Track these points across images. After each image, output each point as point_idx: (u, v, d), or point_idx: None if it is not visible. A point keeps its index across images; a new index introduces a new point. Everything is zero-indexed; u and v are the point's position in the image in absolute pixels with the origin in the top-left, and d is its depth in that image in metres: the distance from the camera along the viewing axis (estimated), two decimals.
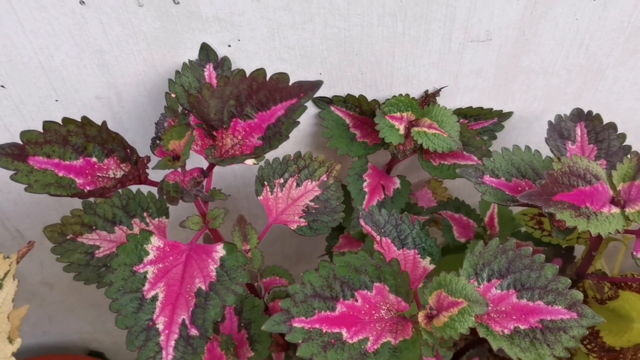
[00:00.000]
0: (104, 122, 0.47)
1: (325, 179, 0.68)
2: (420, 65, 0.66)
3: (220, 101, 0.49)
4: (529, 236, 0.79)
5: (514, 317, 0.50)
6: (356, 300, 0.50)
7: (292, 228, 0.65)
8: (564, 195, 0.55)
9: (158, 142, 0.49)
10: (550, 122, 0.66)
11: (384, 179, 0.74)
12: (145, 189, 0.58)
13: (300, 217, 0.65)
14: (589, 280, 0.67)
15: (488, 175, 0.60)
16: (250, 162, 0.54)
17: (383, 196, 0.72)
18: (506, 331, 0.50)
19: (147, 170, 0.49)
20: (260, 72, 0.50)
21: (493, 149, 0.74)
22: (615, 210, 0.56)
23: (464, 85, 0.70)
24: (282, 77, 0.50)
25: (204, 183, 0.49)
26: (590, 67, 0.71)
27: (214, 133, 0.50)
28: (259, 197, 0.65)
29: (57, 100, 0.62)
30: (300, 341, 0.46)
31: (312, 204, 0.67)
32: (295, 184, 0.67)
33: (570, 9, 0.63)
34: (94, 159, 0.48)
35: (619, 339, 0.68)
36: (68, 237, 0.62)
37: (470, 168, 0.60)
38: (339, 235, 0.80)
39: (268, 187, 0.66)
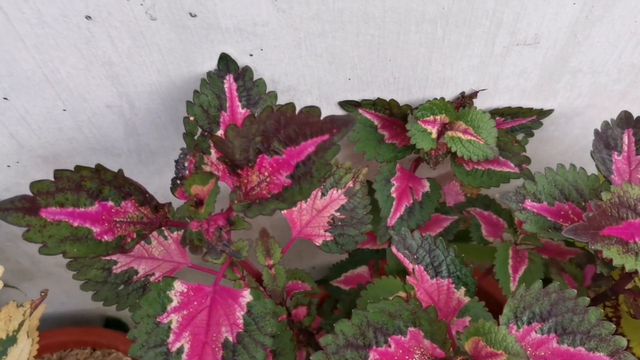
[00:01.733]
0: (120, 170, 0.43)
1: (351, 185, 0.64)
2: (458, 69, 0.61)
3: (246, 140, 0.45)
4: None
5: None
6: (389, 346, 0.48)
7: (317, 244, 0.62)
8: (612, 229, 0.52)
9: (179, 182, 0.45)
10: (596, 131, 0.61)
11: (413, 181, 0.70)
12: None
13: (325, 230, 0.62)
14: (624, 295, 0.64)
15: (529, 200, 0.56)
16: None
17: (412, 201, 0.68)
18: None
19: (168, 216, 0.45)
20: (289, 106, 0.45)
21: (528, 147, 0.70)
22: None
23: (503, 86, 0.65)
24: (312, 110, 0.45)
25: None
26: None
27: (239, 171, 0.46)
28: (282, 211, 0.62)
29: (64, 110, 0.57)
30: None
31: (337, 214, 0.63)
32: (320, 193, 0.63)
33: (630, 11, 0.56)
34: (110, 203, 0.45)
35: None
36: None
37: (511, 192, 0.56)
38: None
39: None
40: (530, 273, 0.71)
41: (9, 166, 0.64)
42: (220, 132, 0.53)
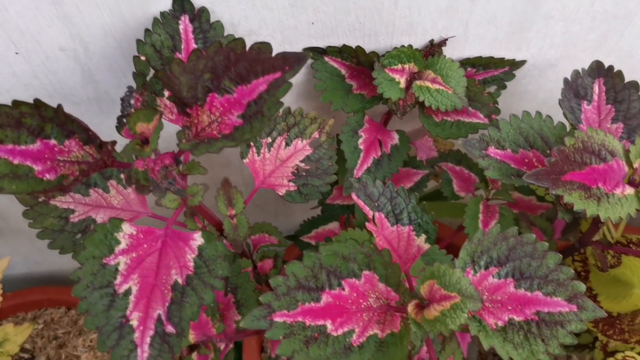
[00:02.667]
0: (60, 105, 0.42)
1: (317, 136, 0.63)
2: (426, 13, 0.59)
3: (193, 77, 0.43)
4: (531, 191, 0.75)
5: (509, 308, 0.48)
6: (343, 289, 0.47)
7: (280, 193, 0.61)
8: (575, 175, 0.51)
9: (124, 121, 0.44)
10: (566, 80, 0.60)
11: (382, 133, 0.68)
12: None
13: (289, 181, 0.61)
14: (592, 247, 0.64)
15: (493, 147, 0.55)
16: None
17: (380, 153, 0.67)
18: (500, 323, 0.47)
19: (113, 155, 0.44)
20: (239, 42, 0.43)
21: (500, 100, 0.69)
22: (630, 191, 0.51)
23: (474, 34, 0.63)
24: (263, 47, 0.44)
25: (181, 166, 0.44)
26: (617, 13, 0.63)
27: (188, 110, 0.45)
28: (244, 160, 0.60)
29: (17, 53, 0.56)
30: (281, 337, 0.44)
31: (302, 164, 0.62)
32: (284, 143, 0.62)
33: None
34: (53, 141, 0.43)
35: (617, 305, 0.66)
36: (40, 200, 0.58)
37: (474, 139, 0.54)
38: (333, 186, 0.76)
39: (254, 148, 0.61)
40: (500, 228, 0.71)
41: None
42: None
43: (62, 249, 0.57)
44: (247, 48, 0.44)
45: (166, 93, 0.51)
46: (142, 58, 0.50)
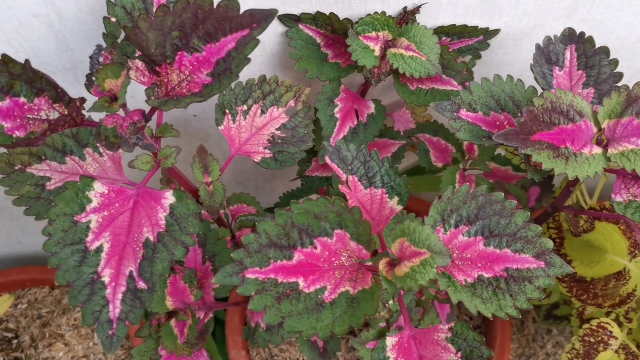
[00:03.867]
0: (27, 61, 0.42)
1: (292, 104, 0.63)
2: None
3: (161, 33, 0.43)
4: (507, 161, 0.76)
5: (479, 265, 0.49)
6: (315, 248, 0.47)
7: (255, 160, 0.61)
8: (543, 134, 0.51)
9: (93, 79, 0.44)
10: (537, 46, 0.60)
11: (358, 103, 0.69)
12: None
13: (264, 148, 0.62)
14: (564, 212, 0.65)
15: (465, 109, 0.55)
16: None
17: (356, 122, 0.68)
18: (469, 279, 0.48)
19: (83, 112, 0.44)
20: None
21: (476, 71, 0.69)
22: (597, 150, 0.52)
23: (447, 1, 0.63)
24: (231, 4, 0.44)
25: (154, 130, 0.45)
26: None
27: (157, 69, 0.45)
28: (219, 127, 0.61)
29: None
30: (252, 293, 0.44)
31: (278, 132, 0.62)
32: (259, 111, 0.62)
33: None
34: (23, 99, 0.43)
35: (590, 270, 0.67)
36: (16, 168, 0.58)
37: (446, 102, 0.55)
38: (311, 158, 0.77)
39: (230, 116, 0.61)
40: None
41: None
42: None
43: (37, 216, 0.57)
44: (215, 5, 0.44)
45: (137, 54, 0.51)
46: (113, 20, 0.50)
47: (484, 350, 0.47)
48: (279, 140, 0.62)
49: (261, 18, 0.44)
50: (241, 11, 0.44)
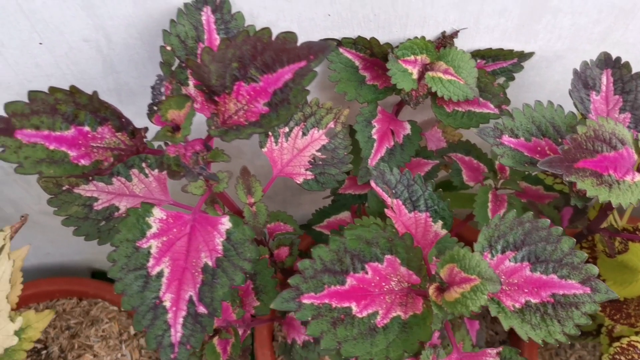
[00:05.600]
0: (95, 92, 0.43)
1: (332, 126, 0.64)
2: (439, 6, 0.60)
3: (222, 65, 0.45)
4: (539, 181, 0.77)
5: (525, 291, 0.50)
6: (366, 273, 0.49)
7: (297, 182, 0.62)
8: (587, 162, 0.52)
9: (155, 108, 0.45)
10: (575, 71, 0.61)
11: (394, 124, 0.70)
12: None
13: (306, 170, 0.63)
14: (600, 234, 0.66)
15: (507, 135, 0.56)
16: None
17: (392, 143, 0.69)
18: (517, 305, 0.49)
19: (144, 141, 0.45)
20: (266, 31, 0.45)
21: (508, 92, 0.70)
22: (639, 178, 0.53)
23: (484, 26, 0.65)
24: (289, 36, 0.45)
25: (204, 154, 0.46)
26: (624, 6, 0.64)
27: (216, 98, 0.46)
28: (262, 149, 0.62)
29: (41, 44, 0.57)
30: (309, 318, 0.45)
31: (318, 154, 0.64)
32: (301, 132, 0.63)
33: None
34: (87, 128, 0.45)
35: (624, 290, 0.68)
36: (64, 188, 0.59)
37: (488, 128, 0.56)
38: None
39: (272, 138, 0.62)
40: None
41: None
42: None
43: (87, 236, 0.58)
44: (274, 37, 0.45)
45: (191, 82, 0.52)
46: (168, 48, 0.51)
47: None
48: (320, 162, 0.63)
49: (318, 50, 0.45)
50: (298, 43, 0.45)
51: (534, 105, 0.58)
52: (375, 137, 0.68)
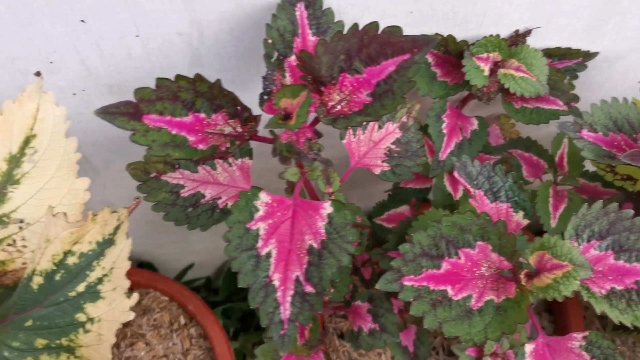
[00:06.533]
0: (218, 81, 0.45)
1: (405, 120, 0.67)
2: (516, 5, 0.63)
3: (333, 57, 0.47)
4: (598, 177, 0.79)
5: (610, 278, 0.52)
6: (459, 258, 0.51)
7: (375, 173, 0.64)
8: None
9: (265, 97, 0.47)
10: None
11: (461, 119, 0.72)
12: None
13: (382, 161, 0.65)
14: None
15: (586, 130, 0.59)
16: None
17: (461, 138, 0.71)
18: (603, 291, 0.51)
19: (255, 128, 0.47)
20: (373, 25, 0.47)
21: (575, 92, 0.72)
22: None
23: (555, 26, 0.67)
24: (394, 30, 0.47)
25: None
26: None
27: (322, 89, 0.48)
28: (342, 141, 0.64)
29: (137, 36, 0.59)
30: (411, 299, 0.48)
31: (393, 146, 0.66)
32: (377, 126, 0.66)
33: None
34: (203, 115, 0.47)
35: None
36: (152, 176, 0.62)
37: (569, 122, 0.58)
38: None
39: (351, 130, 0.64)
40: (569, 211, 0.74)
41: (74, 94, 0.66)
42: (293, 58, 0.55)
43: (176, 221, 0.61)
44: (380, 31, 0.48)
45: (288, 74, 0.54)
46: (269, 41, 0.53)
47: (618, 357, 0.50)
48: (395, 155, 0.65)
49: (422, 44, 0.47)
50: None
51: (611, 102, 0.60)
52: (445, 131, 0.70)
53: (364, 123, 0.65)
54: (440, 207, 0.73)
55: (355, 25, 0.47)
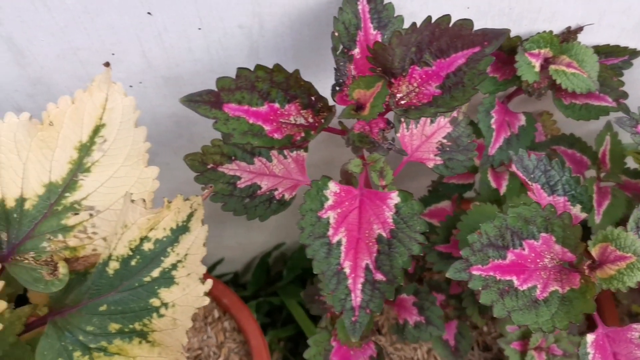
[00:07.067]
0: (296, 71, 0.46)
1: (455, 115, 0.67)
2: (571, 1, 0.63)
3: (406, 49, 0.48)
4: (638, 174, 0.80)
5: None
6: (523, 249, 0.51)
7: (429, 166, 0.65)
8: None
9: (337, 88, 0.48)
10: None
11: (509, 115, 0.73)
12: None
13: (435, 155, 0.66)
14: None
15: None
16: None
17: (509, 133, 0.72)
18: None
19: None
20: (445, 18, 0.48)
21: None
22: None
23: (606, 23, 0.67)
24: (465, 23, 0.48)
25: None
26: None
27: (392, 80, 0.49)
28: (396, 134, 0.65)
29: (199, 29, 0.60)
30: (480, 288, 0.48)
31: (444, 141, 0.67)
32: (429, 120, 0.66)
33: None
34: (277, 105, 0.48)
35: None
36: (209, 167, 0.63)
37: (625, 117, 0.59)
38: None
39: (405, 124, 0.65)
40: (613, 207, 0.75)
41: (131, 86, 0.67)
42: (357, 50, 0.56)
43: (234, 211, 0.62)
44: (451, 24, 0.48)
45: (351, 66, 0.55)
46: (336, 34, 0.54)
47: None
48: (447, 149, 0.66)
49: (493, 37, 0.48)
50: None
51: None
52: (493, 127, 0.71)
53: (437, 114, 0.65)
54: (486, 201, 0.74)
55: (429, 18, 0.48)
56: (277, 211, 0.61)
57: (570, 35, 0.67)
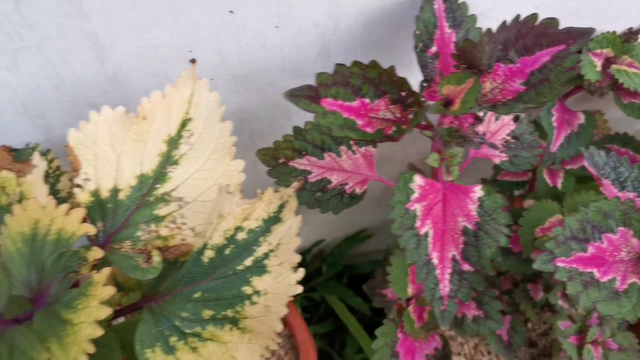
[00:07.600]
0: (391, 67, 0.48)
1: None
2: (636, 3, 0.65)
3: (494, 46, 0.49)
4: None
5: None
6: (602, 242, 0.53)
7: (495, 162, 0.67)
8: None
9: (425, 84, 0.50)
10: None
11: (568, 114, 0.74)
12: None
13: (500, 152, 0.67)
14: None
15: None
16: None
17: (569, 131, 0.73)
18: None
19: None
20: (532, 16, 0.49)
21: None
22: None
23: None
24: (552, 22, 0.50)
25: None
26: None
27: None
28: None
29: (276, 27, 0.62)
30: (565, 279, 0.50)
31: (509, 137, 0.68)
32: (493, 117, 0.68)
33: None
34: (367, 100, 0.49)
35: None
36: (280, 161, 0.64)
37: None
38: None
39: None
40: None
41: None
42: (434, 49, 0.57)
43: (308, 205, 0.63)
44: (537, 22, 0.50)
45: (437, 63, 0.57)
46: (417, 32, 0.56)
47: None
48: (512, 146, 0.67)
49: (578, 35, 0.50)
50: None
51: None
52: (554, 124, 0.72)
53: (482, 112, 0.67)
54: (544, 198, 0.75)
55: (517, 17, 0.49)
56: (349, 205, 0.63)
57: (632, 35, 0.69)
